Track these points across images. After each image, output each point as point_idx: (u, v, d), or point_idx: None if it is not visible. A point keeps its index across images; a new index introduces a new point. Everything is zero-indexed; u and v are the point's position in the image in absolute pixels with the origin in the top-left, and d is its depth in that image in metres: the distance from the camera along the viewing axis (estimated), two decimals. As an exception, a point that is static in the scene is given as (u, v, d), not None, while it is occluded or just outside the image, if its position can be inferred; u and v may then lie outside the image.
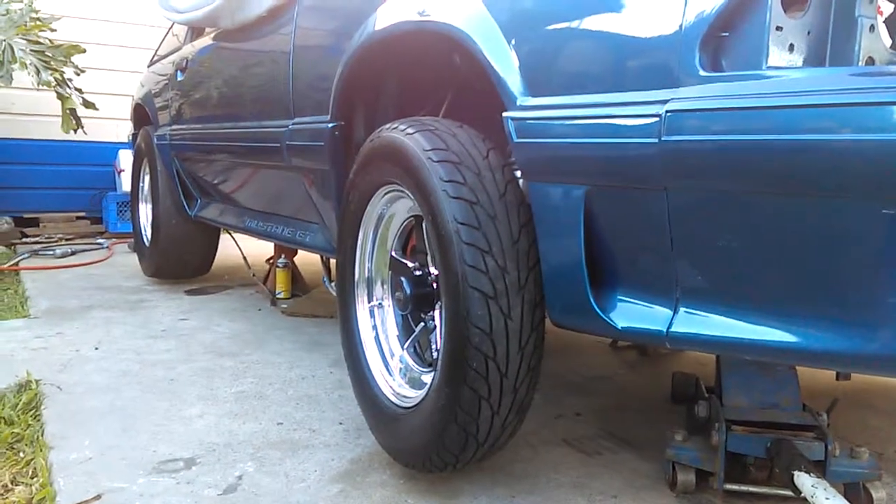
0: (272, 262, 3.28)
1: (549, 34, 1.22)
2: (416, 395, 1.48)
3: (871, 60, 0.96)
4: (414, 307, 1.49)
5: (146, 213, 3.66)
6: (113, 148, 5.40)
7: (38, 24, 3.91)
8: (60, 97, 3.88)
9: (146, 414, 1.81)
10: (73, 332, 2.60)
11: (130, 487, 1.43)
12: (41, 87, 3.72)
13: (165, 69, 3.35)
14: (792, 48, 0.96)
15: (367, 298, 1.66)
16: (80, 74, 4.07)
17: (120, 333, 2.59)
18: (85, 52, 4.02)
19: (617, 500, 1.43)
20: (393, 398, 1.51)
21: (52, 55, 3.78)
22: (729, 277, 1.02)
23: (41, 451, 1.59)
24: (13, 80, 3.61)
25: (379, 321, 1.64)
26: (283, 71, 2.12)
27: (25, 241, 4.96)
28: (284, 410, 1.86)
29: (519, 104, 1.23)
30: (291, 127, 2.07)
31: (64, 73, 3.90)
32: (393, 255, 1.61)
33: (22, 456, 1.58)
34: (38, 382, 1.99)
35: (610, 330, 1.17)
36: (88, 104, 4.04)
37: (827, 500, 1.17)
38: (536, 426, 1.77)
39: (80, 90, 4.04)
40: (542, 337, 1.28)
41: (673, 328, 1.07)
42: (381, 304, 1.65)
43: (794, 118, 0.86)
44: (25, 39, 3.66)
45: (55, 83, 3.77)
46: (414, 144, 1.34)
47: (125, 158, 5.09)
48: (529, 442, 1.68)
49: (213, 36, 2.78)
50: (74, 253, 4.43)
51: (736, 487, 1.40)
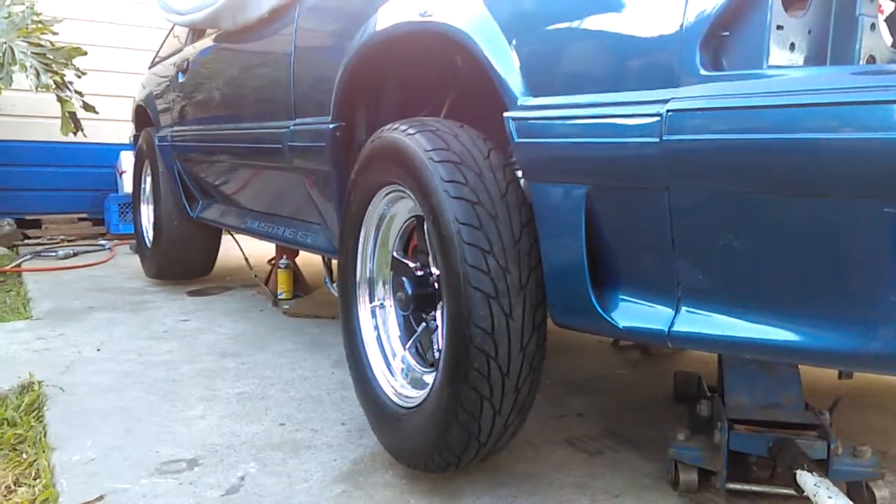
0: (274, 262, 3.28)
1: (549, 34, 1.22)
2: (418, 395, 1.48)
3: (872, 59, 0.96)
4: (416, 307, 1.49)
5: (148, 214, 3.67)
6: (114, 149, 5.41)
7: (39, 26, 3.92)
8: (60, 100, 3.88)
9: (148, 415, 1.82)
10: (75, 333, 2.60)
11: (133, 488, 1.43)
12: (40, 89, 3.71)
13: (166, 71, 3.35)
14: (793, 47, 0.96)
15: (368, 299, 1.67)
16: (81, 77, 4.07)
17: (122, 334, 2.59)
18: (86, 54, 4.02)
19: (619, 499, 1.43)
20: (395, 398, 1.51)
21: (53, 57, 3.78)
22: (730, 276, 1.02)
23: (44, 452, 1.59)
24: (13, 82, 3.61)
25: (381, 321, 1.64)
26: (284, 72, 2.12)
27: (27, 242, 4.97)
28: (286, 411, 1.86)
29: (520, 104, 1.23)
30: (293, 128, 2.07)
31: (64, 75, 3.90)
32: (394, 255, 1.61)
33: (25, 457, 1.58)
34: (40, 384, 2.00)
35: (612, 329, 1.17)
36: (88, 107, 4.04)
37: (829, 499, 1.17)
38: (538, 426, 1.77)
39: (80, 93, 4.03)
40: (543, 337, 1.28)
41: (675, 327, 1.07)
42: (382, 304, 1.65)
43: (795, 117, 0.86)
44: (27, 42, 3.67)
45: (55, 86, 3.77)
46: (415, 145, 1.34)
47: (127, 160, 5.10)
48: (531, 442, 1.68)
49: (214, 37, 2.78)
50: (76, 254, 4.43)
51: (738, 486, 1.40)
